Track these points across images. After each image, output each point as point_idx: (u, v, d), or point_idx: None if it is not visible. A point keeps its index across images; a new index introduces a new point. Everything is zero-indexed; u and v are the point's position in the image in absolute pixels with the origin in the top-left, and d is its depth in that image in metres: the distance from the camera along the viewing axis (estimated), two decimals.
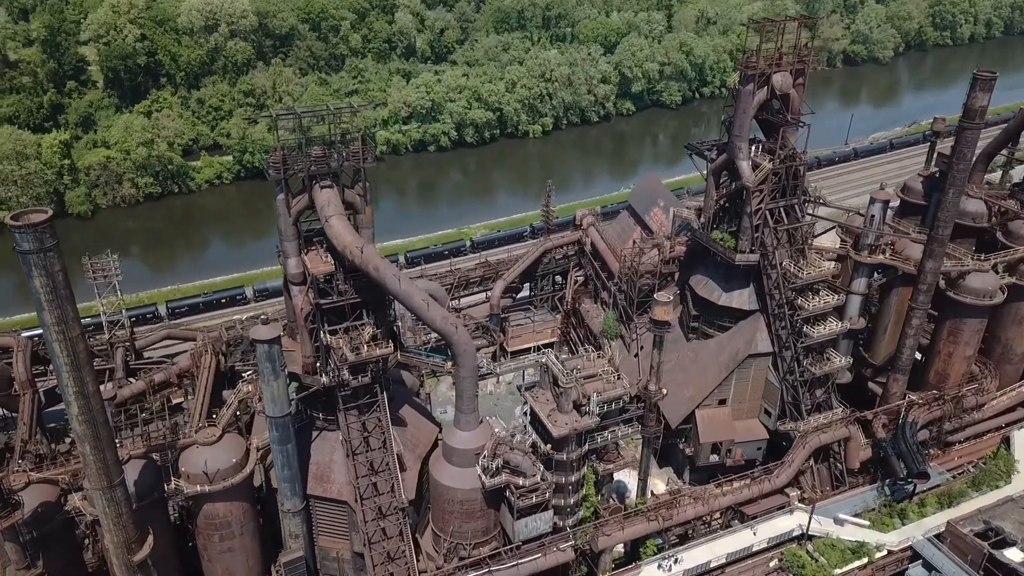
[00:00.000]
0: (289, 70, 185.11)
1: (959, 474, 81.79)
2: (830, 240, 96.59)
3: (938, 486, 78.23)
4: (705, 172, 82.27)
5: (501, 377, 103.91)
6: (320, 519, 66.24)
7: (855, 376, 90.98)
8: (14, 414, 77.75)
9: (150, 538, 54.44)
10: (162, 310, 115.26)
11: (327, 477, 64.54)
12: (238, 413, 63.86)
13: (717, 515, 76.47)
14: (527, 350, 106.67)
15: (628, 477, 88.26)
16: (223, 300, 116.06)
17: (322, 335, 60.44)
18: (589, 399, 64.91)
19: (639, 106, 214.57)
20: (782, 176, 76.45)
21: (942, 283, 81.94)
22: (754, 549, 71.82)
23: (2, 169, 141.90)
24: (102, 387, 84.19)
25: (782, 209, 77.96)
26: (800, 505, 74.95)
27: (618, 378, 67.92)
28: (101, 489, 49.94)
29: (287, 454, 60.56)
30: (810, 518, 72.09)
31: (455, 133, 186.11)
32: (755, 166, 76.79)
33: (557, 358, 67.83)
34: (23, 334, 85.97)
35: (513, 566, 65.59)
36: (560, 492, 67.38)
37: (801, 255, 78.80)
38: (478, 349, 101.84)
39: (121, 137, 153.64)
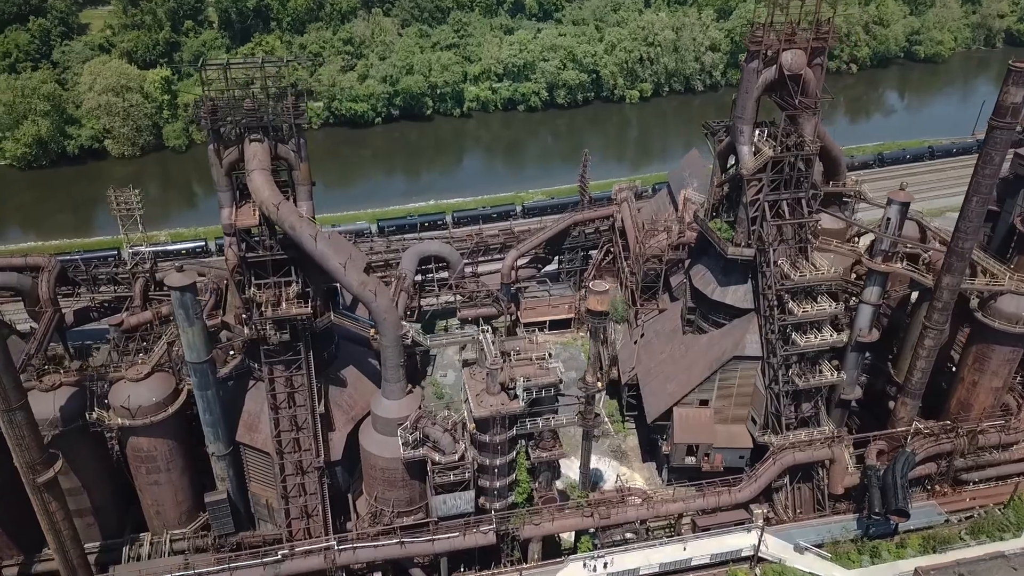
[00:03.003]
0: (389, 20, 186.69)
1: (966, 518, 72.83)
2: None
3: (928, 528, 70.03)
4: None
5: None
6: (250, 466, 67.80)
7: (881, 394, 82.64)
8: None
9: (58, 463, 57.31)
10: (212, 246, 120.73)
11: (255, 427, 65.71)
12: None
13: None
14: (541, 324, 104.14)
15: (606, 466, 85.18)
16: None
17: (246, 288, 60.93)
18: (515, 383, 62.19)
19: None
20: (786, 166, 69.17)
21: (974, 302, 72.49)
22: (694, 563, 67.20)
23: (107, 100, 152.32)
24: (117, 314, 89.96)
25: (785, 203, 70.80)
26: (760, 524, 69.22)
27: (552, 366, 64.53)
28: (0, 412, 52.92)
29: (207, 399, 62.08)
30: (760, 539, 66.46)
31: (546, 94, 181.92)
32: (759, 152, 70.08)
33: (498, 337, 65.41)
34: (56, 257, 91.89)
35: (427, 541, 64.73)
36: (485, 473, 65.51)
37: (802, 255, 71.55)
38: (489, 318, 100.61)
39: (216, 77, 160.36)
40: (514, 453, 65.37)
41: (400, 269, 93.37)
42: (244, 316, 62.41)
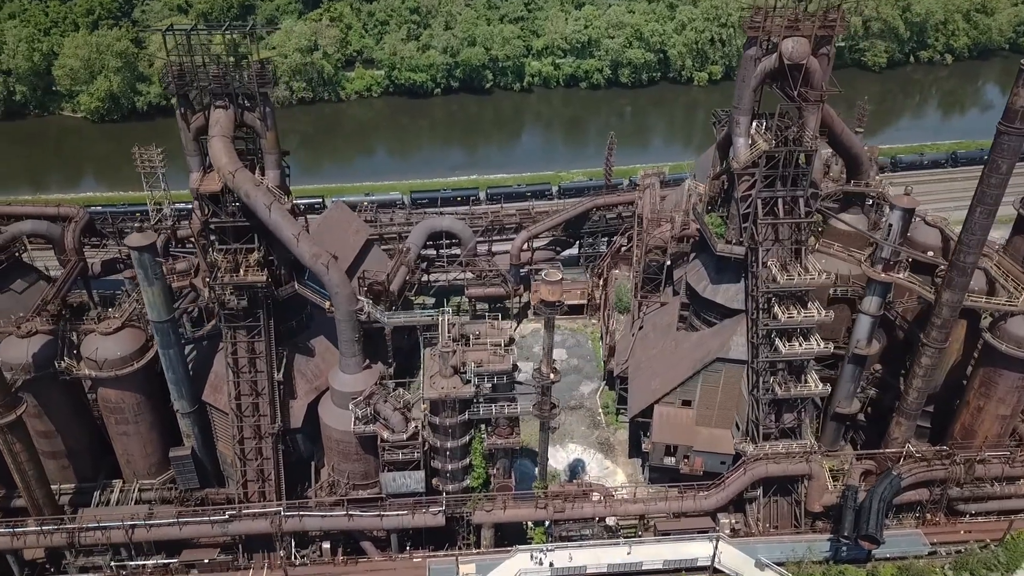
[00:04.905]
0: None
1: (956, 551, 67.76)
2: None
3: (905, 557, 65.51)
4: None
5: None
6: (216, 425, 69.43)
7: (889, 411, 77.55)
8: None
9: (22, 406, 60.16)
10: None
11: (220, 388, 67.03)
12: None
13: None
14: None
15: (589, 456, 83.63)
16: (301, 207, 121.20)
17: (209, 252, 61.94)
18: (466, 367, 61.25)
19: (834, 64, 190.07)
20: (781, 161, 65.01)
21: (986, 321, 66.86)
22: (645, 567, 64.99)
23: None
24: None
25: (781, 200, 66.65)
26: (723, 534, 66.34)
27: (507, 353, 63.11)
28: None
29: (170, 358, 63.76)
30: (715, 550, 63.64)
31: (610, 72, 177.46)
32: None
33: (460, 320, 64.52)
34: (88, 208, 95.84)
35: (375, 516, 64.94)
36: (438, 455, 65.04)
37: (796, 257, 67.36)
38: (498, 298, 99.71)
39: (281, 41, 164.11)
40: (467, 437, 64.55)
41: (406, 243, 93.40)
42: (207, 280, 63.51)
